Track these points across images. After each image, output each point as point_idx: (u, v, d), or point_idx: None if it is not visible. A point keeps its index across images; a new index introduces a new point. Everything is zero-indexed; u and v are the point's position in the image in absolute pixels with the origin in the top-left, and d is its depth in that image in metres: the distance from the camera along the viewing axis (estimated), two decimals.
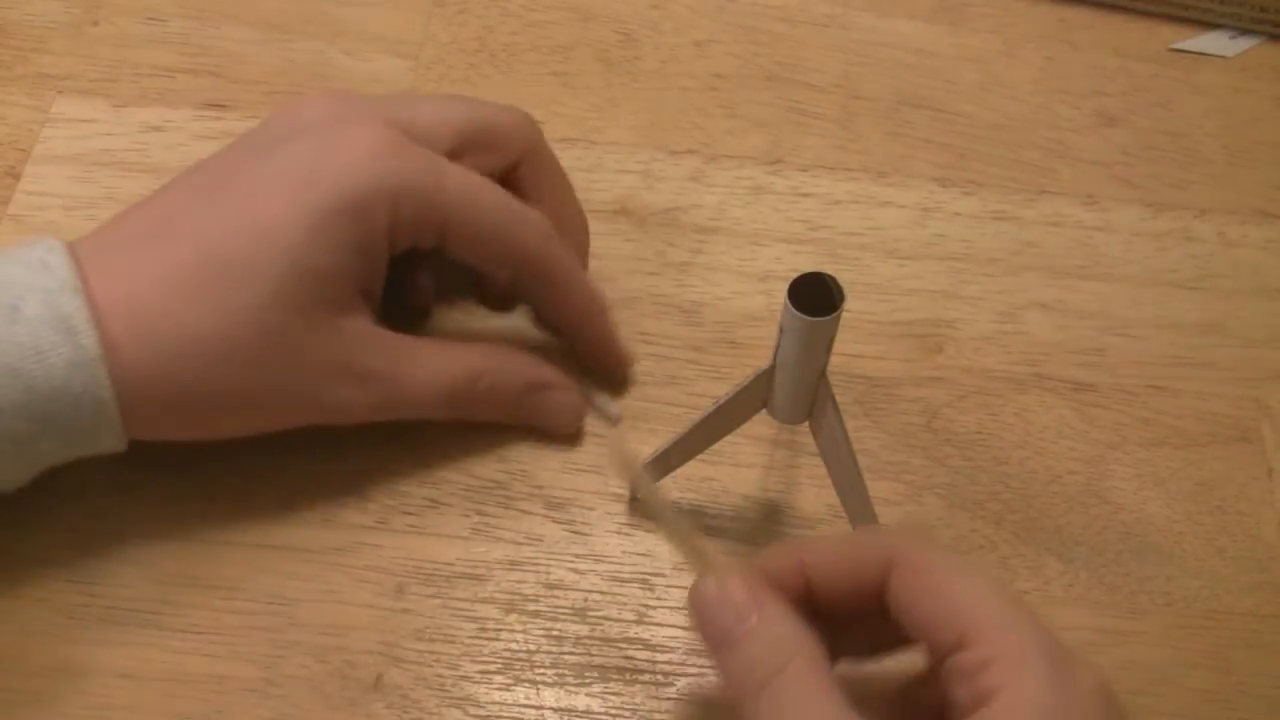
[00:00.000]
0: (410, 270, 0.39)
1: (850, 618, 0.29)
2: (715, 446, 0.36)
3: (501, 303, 0.41)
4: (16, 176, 0.43)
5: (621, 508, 0.38)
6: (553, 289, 0.38)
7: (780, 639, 0.27)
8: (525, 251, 0.36)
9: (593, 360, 0.40)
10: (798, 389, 0.33)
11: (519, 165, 0.38)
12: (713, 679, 0.35)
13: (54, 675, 0.34)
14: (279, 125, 0.35)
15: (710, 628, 0.29)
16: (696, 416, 0.35)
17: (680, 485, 0.38)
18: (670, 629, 0.36)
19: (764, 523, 0.38)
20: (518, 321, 0.41)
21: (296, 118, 0.35)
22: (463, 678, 0.35)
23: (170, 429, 0.34)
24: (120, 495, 0.37)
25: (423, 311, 0.41)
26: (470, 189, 0.35)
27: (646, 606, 0.36)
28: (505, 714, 0.34)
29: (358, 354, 0.34)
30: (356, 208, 0.33)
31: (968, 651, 0.26)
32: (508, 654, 0.35)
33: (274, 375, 0.33)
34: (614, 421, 0.39)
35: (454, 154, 0.36)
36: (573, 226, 0.40)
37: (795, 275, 0.31)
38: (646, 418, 0.39)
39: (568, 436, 0.39)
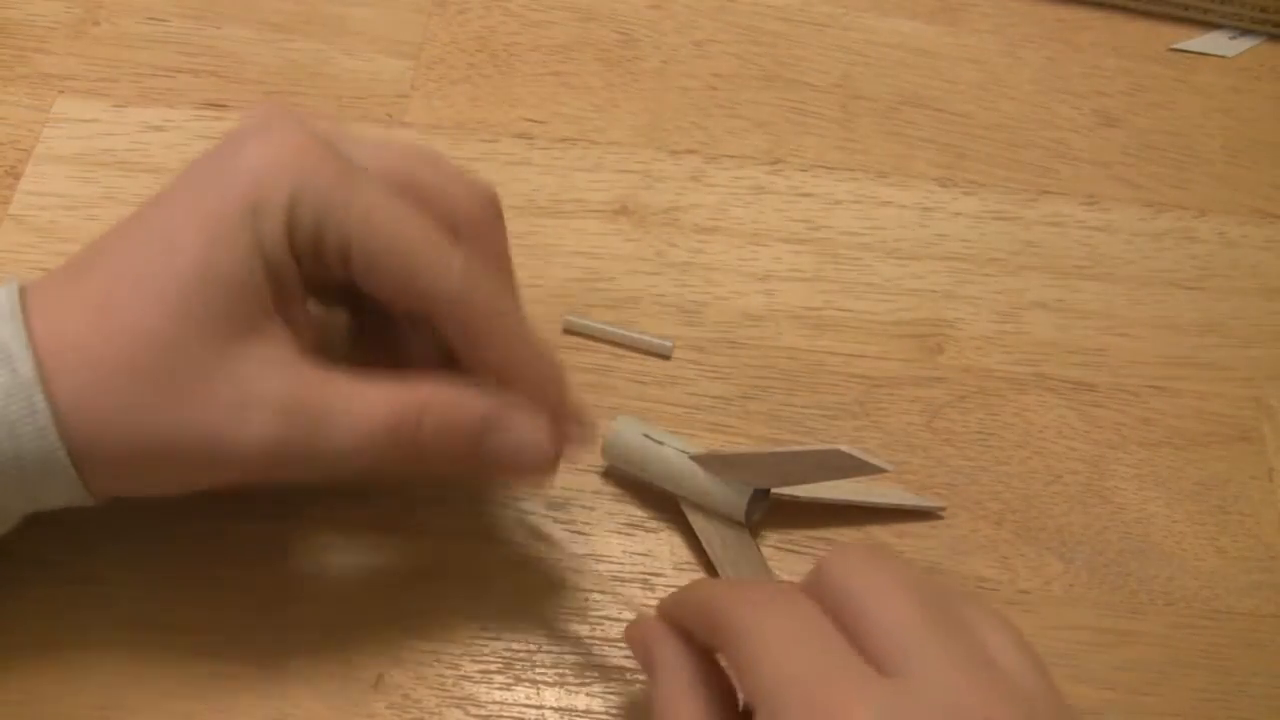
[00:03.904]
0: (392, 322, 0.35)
1: None
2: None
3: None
4: (17, 176, 0.43)
5: (622, 508, 0.38)
6: (478, 342, 0.31)
7: (660, 691, 0.29)
8: (437, 293, 0.30)
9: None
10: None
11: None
12: None
13: (54, 675, 0.34)
14: (219, 142, 0.32)
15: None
16: (770, 447, 0.38)
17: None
18: None
19: None
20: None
21: (236, 130, 0.32)
22: (463, 677, 0.35)
23: (116, 480, 0.31)
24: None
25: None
26: (382, 210, 0.30)
27: (647, 606, 0.36)
28: (506, 714, 0.34)
29: (271, 381, 0.30)
30: (253, 208, 0.29)
31: None
32: (508, 653, 0.35)
33: (183, 406, 0.29)
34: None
35: None
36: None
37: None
38: (646, 418, 0.39)
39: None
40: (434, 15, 0.48)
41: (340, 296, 0.35)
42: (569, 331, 0.41)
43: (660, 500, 0.38)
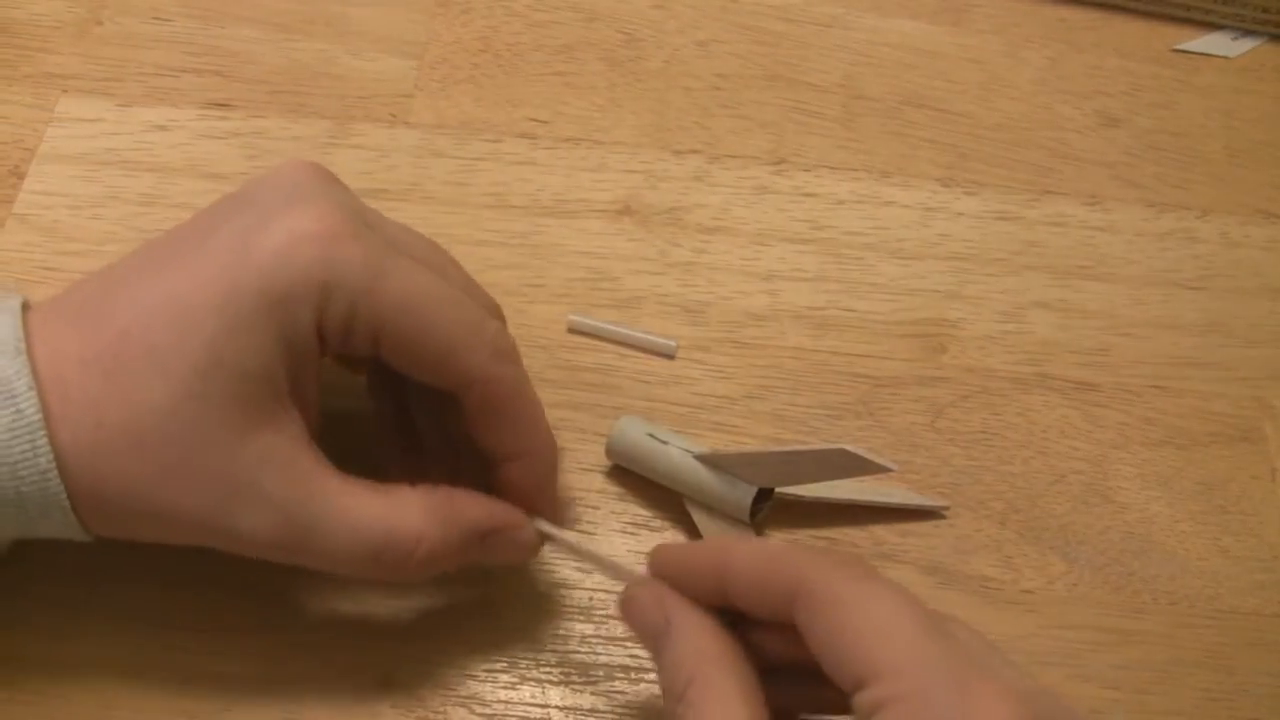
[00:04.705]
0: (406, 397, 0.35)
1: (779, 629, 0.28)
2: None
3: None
4: (21, 176, 0.43)
5: (626, 507, 0.38)
6: (499, 420, 0.32)
7: (686, 654, 0.28)
8: (470, 372, 0.31)
9: (522, 505, 0.34)
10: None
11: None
12: None
13: (59, 674, 0.34)
14: (245, 193, 0.31)
15: (638, 635, 0.30)
16: (776, 446, 0.38)
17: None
18: None
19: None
20: None
21: (262, 186, 0.31)
22: (468, 676, 0.35)
23: (113, 527, 0.31)
24: None
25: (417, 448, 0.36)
26: (414, 293, 0.30)
27: None
28: (511, 713, 0.34)
29: (270, 475, 0.29)
30: (281, 298, 0.29)
31: (865, 691, 0.25)
32: (514, 652, 0.35)
33: (183, 484, 0.29)
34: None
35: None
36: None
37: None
38: (650, 417, 0.39)
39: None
40: (437, 15, 0.48)
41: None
42: (573, 331, 0.41)
43: (664, 499, 0.38)
